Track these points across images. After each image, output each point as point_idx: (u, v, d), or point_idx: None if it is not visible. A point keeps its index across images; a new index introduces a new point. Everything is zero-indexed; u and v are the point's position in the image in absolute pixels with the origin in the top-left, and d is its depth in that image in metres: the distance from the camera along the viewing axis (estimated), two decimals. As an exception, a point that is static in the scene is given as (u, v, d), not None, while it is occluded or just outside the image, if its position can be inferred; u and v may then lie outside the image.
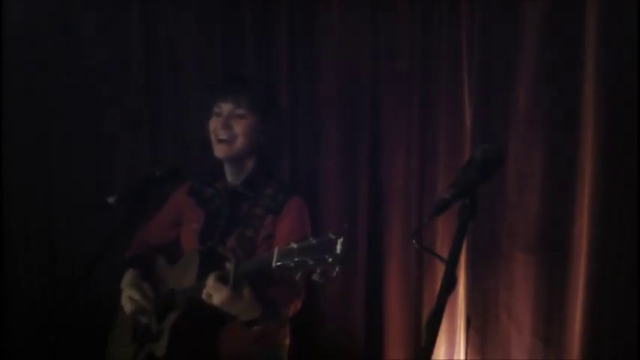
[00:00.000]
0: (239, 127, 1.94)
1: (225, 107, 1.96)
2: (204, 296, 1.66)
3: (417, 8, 2.37)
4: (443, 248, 2.25)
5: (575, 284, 2.09)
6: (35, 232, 2.85)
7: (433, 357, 1.20)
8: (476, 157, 1.33)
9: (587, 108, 2.04)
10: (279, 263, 1.52)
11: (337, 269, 1.44)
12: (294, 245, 1.50)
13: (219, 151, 1.96)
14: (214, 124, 1.97)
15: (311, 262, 1.47)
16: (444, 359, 2.38)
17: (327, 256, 1.44)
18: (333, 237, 1.45)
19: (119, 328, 2.05)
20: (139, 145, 2.76)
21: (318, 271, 1.47)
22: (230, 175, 2.03)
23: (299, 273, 1.50)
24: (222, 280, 1.65)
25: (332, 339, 2.57)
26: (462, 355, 2.31)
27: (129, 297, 1.93)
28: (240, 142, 1.95)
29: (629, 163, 1.98)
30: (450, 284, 1.22)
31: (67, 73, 2.77)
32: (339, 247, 1.43)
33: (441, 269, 1.30)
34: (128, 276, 1.99)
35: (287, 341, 2.06)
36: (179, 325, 1.79)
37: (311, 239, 1.49)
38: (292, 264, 1.49)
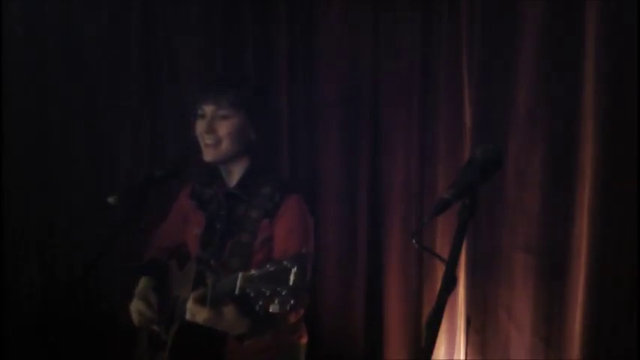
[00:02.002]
0: (223, 129, 1.85)
1: (208, 109, 1.86)
2: (188, 316, 1.63)
3: (417, 8, 2.37)
4: (443, 248, 2.25)
5: (575, 284, 2.08)
6: (35, 233, 2.85)
7: (433, 357, 1.20)
8: (476, 157, 1.33)
9: (587, 108, 2.03)
10: (240, 290, 1.46)
11: (292, 302, 1.38)
12: (254, 272, 1.44)
13: (207, 155, 1.89)
14: (200, 128, 1.88)
15: (268, 293, 1.40)
16: (444, 359, 2.38)
17: (279, 289, 1.38)
18: (288, 266, 1.38)
19: (141, 332, 2.02)
20: (139, 145, 2.76)
21: (275, 301, 1.40)
22: (225, 176, 1.96)
23: (259, 302, 1.42)
24: (201, 300, 1.61)
25: (332, 339, 2.57)
26: (462, 355, 2.31)
27: (136, 309, 1.91)
28: (226, 144, 1.86)
29: (629, 163, 1.98)
30: (450, 284, 1.22)
31: (67, 73, 2.78)
32: (292, 278, 1.37)
33: (441, 269, 1.30)
34: (140, 284, 1.97)
35: (303, 340, 2.01)
36: (179, 337, 1.77)
37: (268, 266, 1.42)
38: (252, 293, 1.43)
